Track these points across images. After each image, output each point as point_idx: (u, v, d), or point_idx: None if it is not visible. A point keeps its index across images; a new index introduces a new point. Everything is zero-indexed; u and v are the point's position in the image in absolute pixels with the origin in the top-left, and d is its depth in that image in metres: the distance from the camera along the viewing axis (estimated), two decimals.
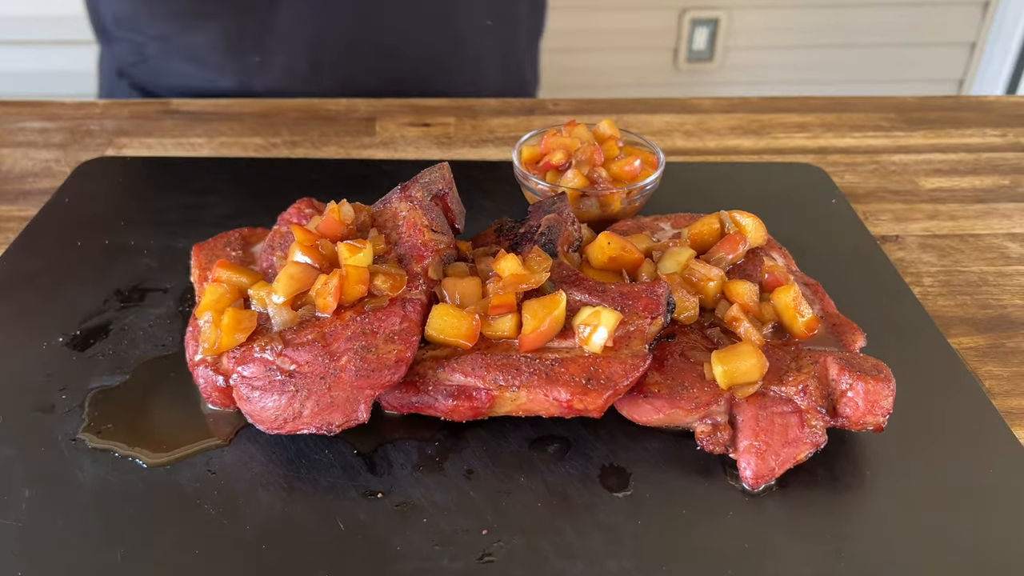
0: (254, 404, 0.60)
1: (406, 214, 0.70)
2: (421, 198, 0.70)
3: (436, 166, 0.74)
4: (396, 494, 0.58)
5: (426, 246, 0.67)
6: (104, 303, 0.75)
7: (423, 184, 0.72)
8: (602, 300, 0.64)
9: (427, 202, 0.70)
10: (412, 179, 0.74)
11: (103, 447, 0.61)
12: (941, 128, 1.12)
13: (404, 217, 0.69)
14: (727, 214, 0.74)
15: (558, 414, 0.61)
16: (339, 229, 0.67)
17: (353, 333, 0.61)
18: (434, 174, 0.73)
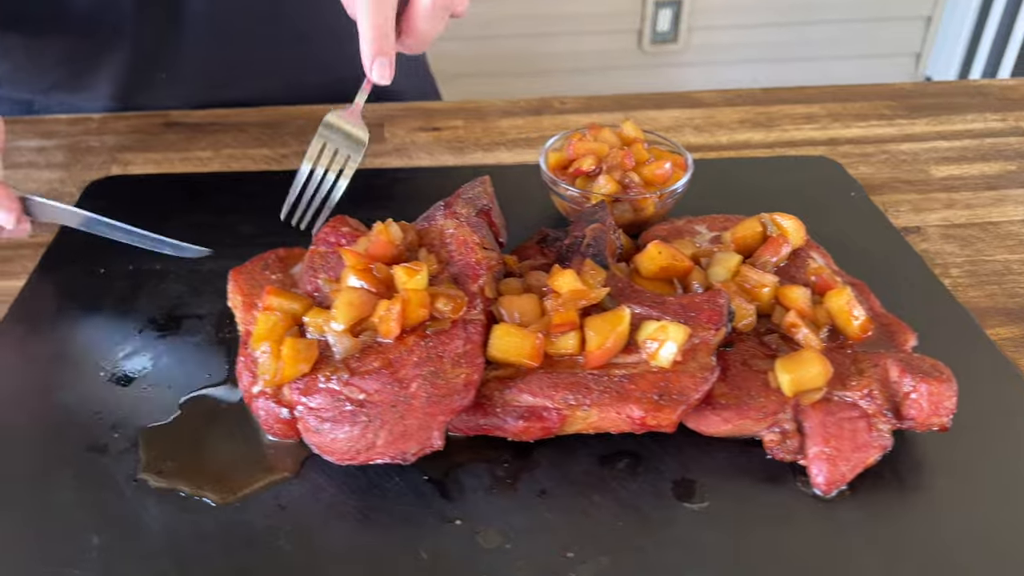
0: (324, 436, 0.59)
1: (454, 231, 0.69)
2: (467, 214, 0.70)
3: (477, 180, 0.73)
4: (473, 519, 0.58)
5: (480, 264, 0.66)
6: (140, 333, 0.73)
7: (466, 200, 0.71)
8: (663, 312, 0.63)
9: (474, 218, 0.69)
10: (454, 195, 0.73)
11: (167, 487, 0.59)
12: (942, 114, 1.14)
13: (452, 235, 0.69)
14: (768, 216, 0.74)
15: (629, 430, 0.61)
16: (390, 250, 0.66)
17: (419, 359, 0.60)
18: (476, 189, 0.72)
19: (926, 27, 3.36)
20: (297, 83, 1.19)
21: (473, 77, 2.75)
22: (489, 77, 3.11)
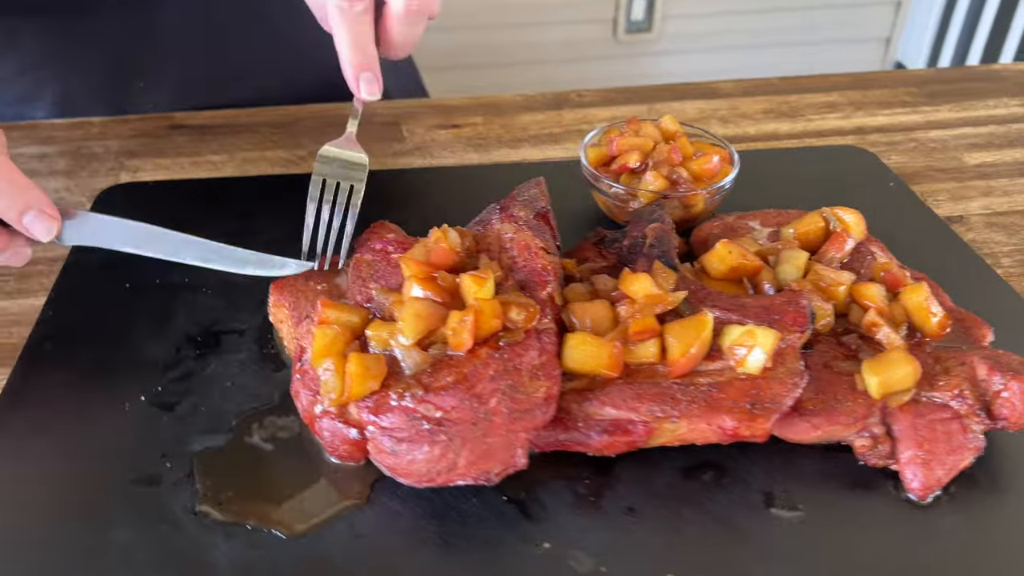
0: (400, 457, 0.55)
1: (513, 236, 0.65)
2: (525, 217, 0.66)
3: (532, 181, 0.70)
4: (561, 541, 0.55)
5: (546, 270, 0.63)
6: (178, 352, 0.69)
7: (523, 202, 0.68)
8: (743, 316, 0.61)
9: (533, 221, 0.66)
10: (508, 196, 0.69)
11: (231, 520, 0.55)
12: (963, 100, 1.13)
13: (512, 239, 0.65)
14: (829, 210, 0.72)
15: (717, 441, 0.58)
16: (451, 258, 0.63)
17: (496, 372, 0.57)
18: (532, 190, 0.69)
19: (896, 12, 3.38)
20: (292, 81, 1.15)
21: (450, 70, 2.70)
22: (465, 70, 3.07)
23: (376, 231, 0.72)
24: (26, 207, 0.60)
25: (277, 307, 0.68)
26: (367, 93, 0.69)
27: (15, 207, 0.60)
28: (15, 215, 0.60)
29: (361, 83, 0.69)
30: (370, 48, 0.69)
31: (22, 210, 0.60)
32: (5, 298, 0.76)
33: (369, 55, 0.69)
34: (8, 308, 0.75)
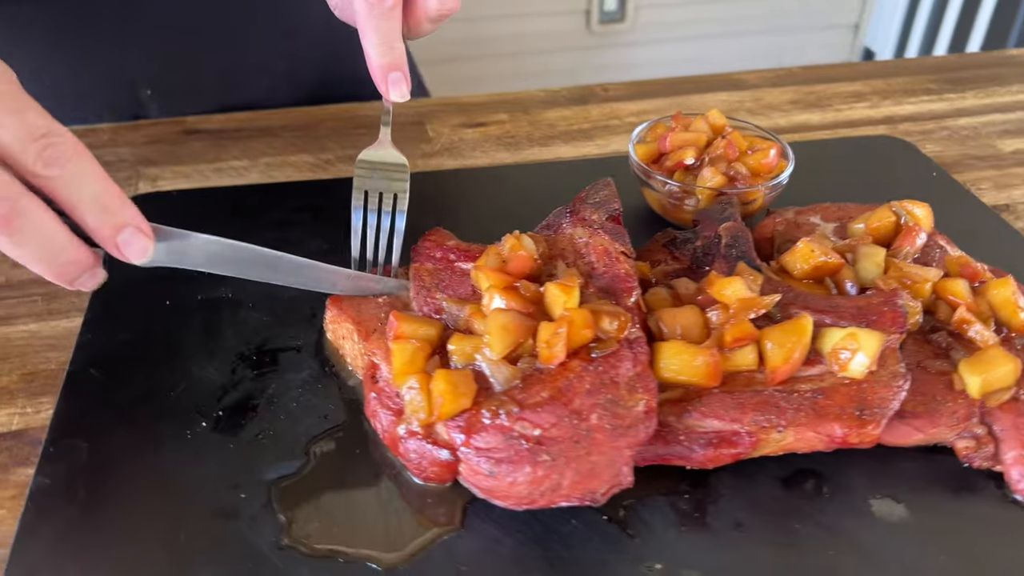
0: (500, 479, 0.52)
1: (588, 240, 0.63)
2: (599, 220, 0.64)
3: (601, 182, 0.67)
4: (674, 562, 0.52)
5: (629, 276, 0.60)
6: (233, 373, 0.65)
7: (594, 204, 0.65)
8: (837, 317, 0.59)
9: (608, 224, 0.63)
10: (576, 199, 0.67)
11: (322, 553, 0.52)
12: (986, 87, 1.12)
13: (587, 244, 0.63)
14: (899, 204, 0.70)
15: (823, 449, 0.56)
16: (529, 265, 0.60)
17: (592, 386, 0.54)
18: (603, 191, 0.66)
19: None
20: (292, 83, 1.11)
21: (421, 65, 2.67)
22: (436, 64, 3.02)
23: (433, 238, 0.69)
24: (123, 223, 0.51)
25: (338, 322, 0.64)
26: (397, 95, 0.66)
27: (111, 223, 0.50)
28: (110, 232, 0.50)
29: (390, 83, 0.65)
30: (398, 45, 0.65)
31: (119, 226, 0.51)
32: (35, 320, 0.71)
33: (397, 53, 0.65)
34: (40, 331, 0.70)
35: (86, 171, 0.48)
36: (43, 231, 0.47)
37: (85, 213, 0.48)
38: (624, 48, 3.38)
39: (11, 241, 0.46)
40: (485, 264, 0.61)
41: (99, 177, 0.49)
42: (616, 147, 0.98)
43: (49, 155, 0.46)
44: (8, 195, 0.45)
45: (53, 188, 0.47)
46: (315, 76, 1.13)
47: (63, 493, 0.56)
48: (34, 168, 0.46)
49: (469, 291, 0.63)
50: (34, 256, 0.48)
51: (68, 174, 0.47)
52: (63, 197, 0.47)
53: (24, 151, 0.45)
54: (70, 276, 0.50)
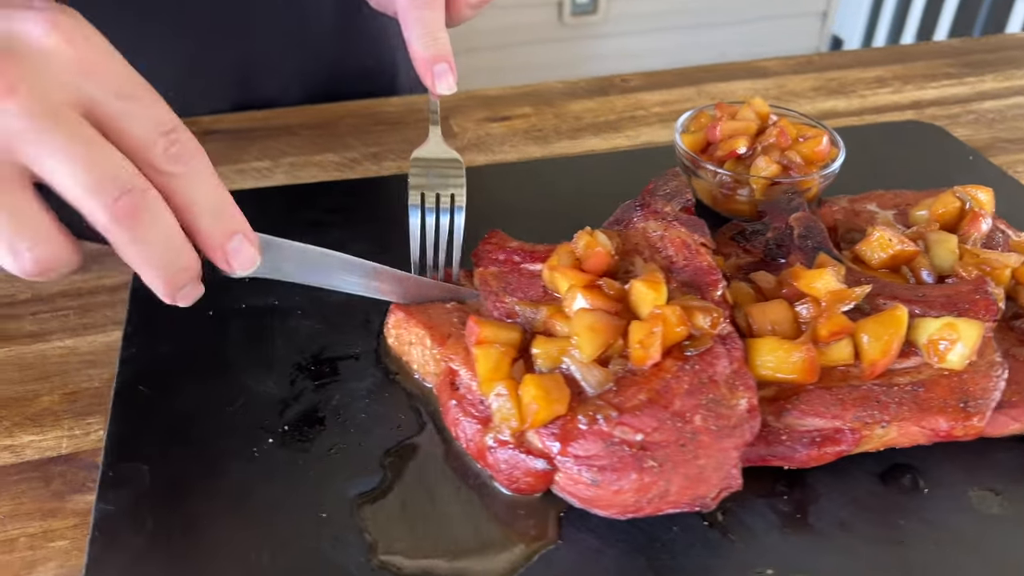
0: (604, 488, 0.50)
1: (664, 233, 0.60)
2: (673, 212, 0.61)
3: (668, 173, 0.65)
4: (783, 566, 0.50)
5: (714, 269, 0.58)
6: (292, 384, 0.62)
7: (664, 196, 0.63)
8: (927, 307, 0.57)
9: (684, 216, 0.61)
10: (644, 192, 0.64)
11: (415, 572, 0.49)
12: (1004, 69, 1.12)
13: (663, 237, 0.60)
14: (962, 189, 0.69)
15: (924, 443, 0.55)
16: (608, 263, 0.58)
17: (691, 386, 0.52)
18: (672, 183, 0.64)
19: None
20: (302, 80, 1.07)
21: None
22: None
23: (494, 241, 0.66)
24: (235, 230, 0.47)
25: (405, 327, 0.61)
26: (444, 87, 0.63)
27: (224, 228, 0.46)
28: (221, 239, 0.46)
29: (436, 75, 0.63)
30: (442, 35, 0.63)
31: (231, 233, 0.47)
32: (71, 335, 0.67)
33: (442, 44, 0.63)
34: (78, 347, 0.66)
35: (205, 171, 0.45)
36: (167, 230, 0.43)
37: (199, 215, 0.45)
38: (596, 40, 3.38)
39: (133, 237, 0.42)
40: (559, 263, 0.58)
41: (215, 179, 0.45)
42: (646, 138, 0.96)
43: (175, 151, 0.43)
44: (139, 186, 0.41)
45: (173, 186, 0.43)
46: (325, 73, 1.09)
47: (130, 521, 0.52)
48: (159, 163, 0.42)
49: (540, 293, 0.61)
50: (152, 258, 0.43)
51: (190, 172, 0.44)
52: (181, 196, 0.44)
53: (153, 144, 0.42)
54: (179, 284, 0.46)
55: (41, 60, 0.39)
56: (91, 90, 0.40)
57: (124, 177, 0.41)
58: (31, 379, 0.63)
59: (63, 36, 0.40)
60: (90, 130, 0.40)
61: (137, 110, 0.42)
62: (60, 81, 0.40)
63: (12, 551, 0.52)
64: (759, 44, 3.37)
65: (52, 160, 0.39)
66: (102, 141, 0.41)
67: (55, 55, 0.40)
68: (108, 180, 0.40)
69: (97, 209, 0.41)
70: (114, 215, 0.41)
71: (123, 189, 0.41)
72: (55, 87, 0.39)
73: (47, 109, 0.39)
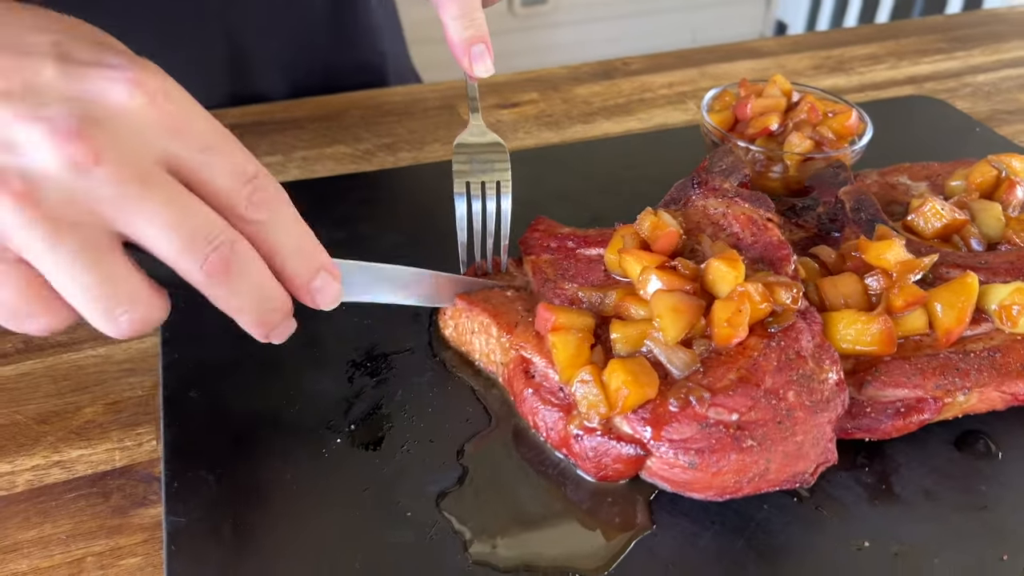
0: (703, 470, 0.49)
1: (727, 211, 0.60)
2: (732, 188, 0.61)
3: (723, 148, 0.65)
4: (878, 537, 0.50)
5: (783, 243, 0.58)
6: (351, 382, 0.60)
7: (721, 172, 0.62)
8: (992, 273, 0.58)
9: (745, 191, 0.61)
10: (698, 169, 0.64)
11: (516, 566, 0.48)
12: (990, 43, 1.15)
13: (725, 214, 0.60)
14: (996, 158, 0.70)
15: (1000, 408, 0.55)
16: (675, 242, 0.57)
17: (779, 362, 0.51)
18: (727, 158, 0.63)
19: None
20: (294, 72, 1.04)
21: None
22: None
23: (542, 228, 0.65)
24: (319, 267, 0.46)
25: (468, 316, 0.60)
26: (482, 69, 0.62)
27: (309, 268, 0.46)
28: (307, 279, 0.46)
29: (474, 56, 0.61)
30: (479, 16, 0.61)
31: (316, 271, 0.46)
32: (103, 344, 0.64)
33: (479, 24, 0.61)
34: (113, 355, 0.63)
35: (288, 214, 0.44)
36: (258, 278, 0.43)
37: (285, 258, 0.44)
38: (547, 30, 3.38)
39: (229, 290, 0.42)
40: (625, 246, 0.57)
41: (298, 220, 0.45)
42: (659, 120, 0.95)
43: (259, 199, 0.42)
44: (228, 239, 0.41)
45: (258, 232, 0.43)
46: (318, 66, 1.06)
47: (207, 533, 0.50)
48: (244, 212, 0.42)
49: (600, 277, 0.60)
50: (245, 305, 0.43)
51: (274, 217, 0.43)
52: (266, 242, 0.43)
53: (237, 194, 0.41)
54: (272, 324, 0.45)
55: (125, 123, 0.38)
56: (176, 148, 0.40)
57: (214, 233, 0.40)
58: (68, 391, 0.60)
59: (146, 96, 0.39)
60: (177, 188, 0.40)
61: (220, 161, 0.41)
62: (145, 143, 0.39)
63: (80, 572, 0.49)
64: (705, 31, 3.41)
65: (143, 224, 0.39)
66: (189, 198, 0.40)
67: (139, 116, 0.39)
68: (199, 239, 0.40)
69: (191, 268, 0.40)
70: (207, 273, 0.41)
71: (214, 245, 0.40)
72: (141, 150, 0.38)
73: (135, 174, 0.38)
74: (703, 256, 0.57)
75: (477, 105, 0.67)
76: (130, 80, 0.38)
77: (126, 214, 0.38)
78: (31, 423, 0.58)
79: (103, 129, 0.37)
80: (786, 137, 0.75)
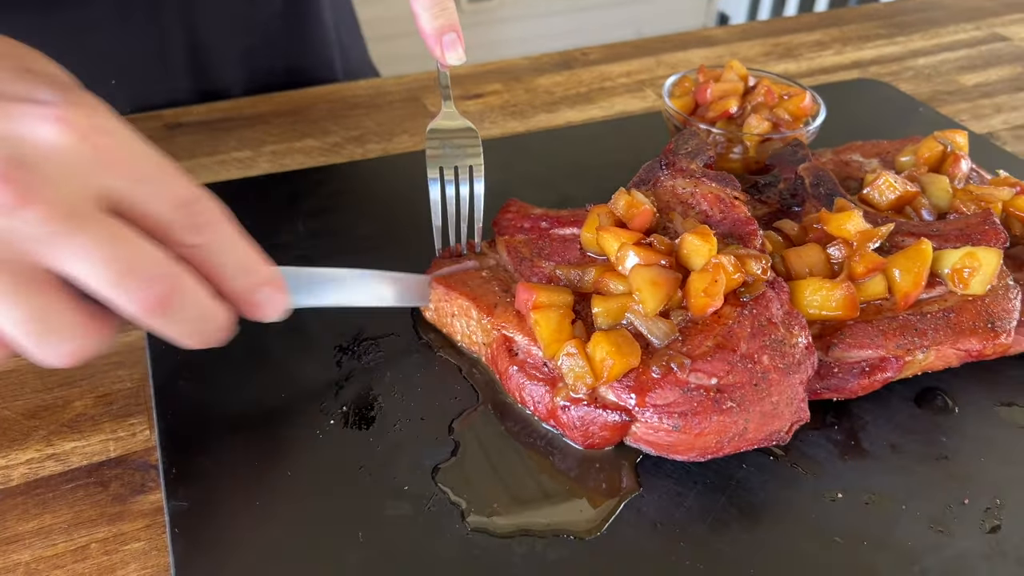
0: (687, 432, 0.52)
1: (695, 190, 0.63)
2: (699, 169, 0.64)
3: (688, 131, 0.67)
4: (850, 488, 0.54)
5: (750, 219, 0.61)
6: (339, 366, 0.61)
7: (687, 154, 0.65)
8: (944, 240, 0.61)
9: (711, 171, 0.64)
10: (665, 151, 0.66)
11: (513, 531, 0.50)
12: (928, 28, 1.20)
13: (694, 194, 0.63)
14: (942, 134, 0.74)
15: (955, 364, 0.59)
16: (650, 219, 0.60)
17: (752, 329, 0.54)
18: (692, 140, 0.66)
19: None
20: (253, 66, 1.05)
21: None
22: None
23: (514, 210, 0.67)
24: (262, 283, 0.46)
25: (447, 300, 0.61)
26: (454, 57, 0.64)
27: (252, 285, 0.46)
28: (250, 295, 0.46)
29: (445, 45, 0.63)
30: (450, 6, 0.64)
31: (258, 287, 0.46)
32: None
33: (450, 13, 0.64)
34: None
35: (228, 233, 0.44)
36: (198, 305, 0.42)
37: (227, 278, 0.44)
38: (495, 25, 3.40)
39: (167, 322, 0.41)
40: (601, 224, 0.60)
41: (240, 238, 0.44)
42: (620, 107, 0.98)
43: (197, 222, 0.42)
44: (167, 273, 0.40)
45: (196, 255, 0.43)
46: (276, 62, 1.07)
47: (208, 515, 0.51)
48: (183, 237, 0.41)
49: (576, 255, 0.62)
50: (186, 331, 0.43)
51: (215, 238, 0.43)
52: (206, 263, 0.43)
53: (175, 220, 0.41)
54: (213, 341, 0.45)
55: (55, 162, 0.37)
56: (111, 182, 0.39)
57: (150, 267, 0.40)
58: (56, 385, 0.61)
59: (76, 133, 0.38)
60: (111, 225, 0.39)
61: (157, 190, 0.40)
62: (77, 181, 0.38)
63: (86, 558, 0.50)
64: (649, 23, 3.47)
65: (74, 263, 0.38)
66: (124, 234, 0.39)
67: (69, 154, 0.38)
68: (133, 274, 0.39)
69: (127, 304, 0.40)
70: (143, 308, 0.40)
71: (151, 281, 0.40)
72: (72, 188, 0.38)
73: (64, 213, 0.37)
74: (675, 233, 0.60)
75: (449, 93, 0.69)
76: (59, 118, 0.37)
77: (56, 252, 0.38)
78: (20, 418, 0.58)
79: (30, 170, 0.36)
80: (745, 119, 0.78)
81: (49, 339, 0.40)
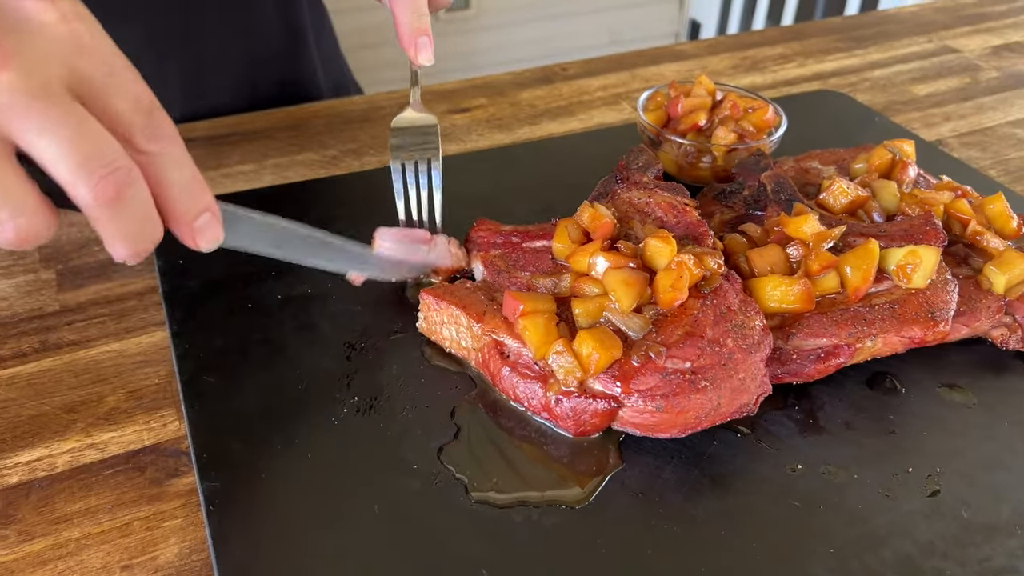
0: (669, 412, 0.58)
1: (649, 200, 0.70)
2: (651, 181, 0.71)
3: (636, 148, 0.75)
4: (808, 461, 0.61)
5: (701, 222, 0.68)
6: (349, 360, 0.67)
7: (639, 168, 0.73)
8: (890, 239, 0.69)
9: (662, 183, 0.71)
10: (619, 167, 0.74)
11: (512, 502, 0.57)
12: (883, 42, 1.28)
13: (648, 203, 0.70)
14: (890, 143, 0.82)
15: (901, 351, 0.66)
16: (612, 229, 0.67)
17: (715, 317, 0.61)
18: (642, 156, 0.74)
19: None
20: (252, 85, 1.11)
21: None
22: None
23: (486, 227, 0.74)
24: (204, 208, 0.47)
25: (437, 310, 0.67)
26: (424, 58, 0.71)
27: (195, 208, 0.47)
28: (192, 217, 0.47)
29: (419, 48, 0.70)
30: (426, 11, 0.70)
31: (199, 211, 0.47)
32: (115, 340, 0.70)
33: (424, 20, 0.70)
34: (126, 349, 0.69)
35: (180, 150, 0.45)
36: (143, 208, 0.43)
37: (172, 194, 0.45)
38: (471, 35, 3.46)
39: (113, 215, 0.42)
40: (569, 235, 0.67)
41: (188, 158, 0.46)
42: (599, 119, 1.05)
43: (155, 131, 0.43)
44: (125, 165, 0.41)
45: (150, 163, 0.43)
46: (274, 77, 1.13)
47: (241, 492, 0.57)
48: (139, 141, 0.43)
49: (549, 265, 0.69)
50: (125, 232, 0.43)
51: (168, 152, 0.44)
52: (157, 174, 0.44)
53: (135, 122, 0.42)
54: (143, 253, 0.46)
55: (37, 35, 0.39)
56: (82, 67, 0.40)
57: (109, 156, 0.40)
58: (89, 383, 0.66)
59: (59, 13, 0.40)
60: (78, 108, 0.40)
61: (122, 87, 0.42)
62: (53, 57, 0.39)
63: (131, 534, 0.55)
64: (622, 31, 3.55)
65: (39, 136, 0.39)
66: (89, 119, 0.40)
67: (49, 31, 0.39)
68: (94, 160, 0.40)
69: (81, 188, 0.40)
70: (97, 195, 0.41)
71: (108, 168, 0.40)
72: (48, 63, 0.39)
73: (38, 84, 0.38)
74: (636, 238, 0.67)
75: (417, 79, 0.76)
76: None
77: (23, 123, 0.38)
78: (59, 413, 0.64)
79: (14, 37, 0.38)
80: (713, 131, 0.85)
81: (2, 211, 0.40)
